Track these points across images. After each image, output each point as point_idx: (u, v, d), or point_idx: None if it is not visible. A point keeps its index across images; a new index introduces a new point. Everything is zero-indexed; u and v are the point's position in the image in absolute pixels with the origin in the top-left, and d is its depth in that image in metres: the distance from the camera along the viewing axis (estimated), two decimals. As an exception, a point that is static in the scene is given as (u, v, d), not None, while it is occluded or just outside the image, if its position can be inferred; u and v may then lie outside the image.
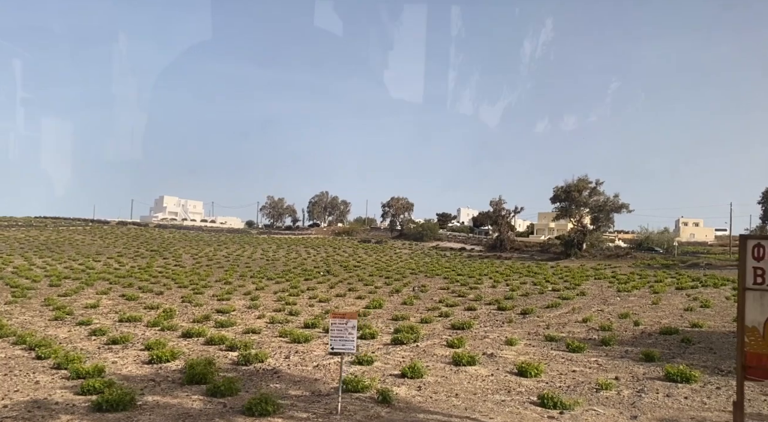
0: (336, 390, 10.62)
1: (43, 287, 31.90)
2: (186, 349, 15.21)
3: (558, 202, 71.93)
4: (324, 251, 72.02)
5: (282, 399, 9.92)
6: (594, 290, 32.09)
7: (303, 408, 9.27)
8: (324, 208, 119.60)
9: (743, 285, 6.57)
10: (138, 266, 48.78)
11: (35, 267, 44.54)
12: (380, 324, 20.43)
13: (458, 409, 9.55)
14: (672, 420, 9.27)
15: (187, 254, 63.27)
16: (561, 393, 10.90)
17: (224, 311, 23.28)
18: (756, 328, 6.43)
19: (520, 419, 9.09)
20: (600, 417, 9.38)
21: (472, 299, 27.99)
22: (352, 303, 26.99)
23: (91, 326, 18.78)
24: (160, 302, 26.33)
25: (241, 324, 19.88)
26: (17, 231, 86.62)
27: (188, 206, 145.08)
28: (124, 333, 17.45)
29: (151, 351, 13.96)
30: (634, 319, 20.94)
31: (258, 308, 24.88)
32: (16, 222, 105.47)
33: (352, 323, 9.06)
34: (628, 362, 14.02)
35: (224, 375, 11.77)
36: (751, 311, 6.49)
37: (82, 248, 66.59)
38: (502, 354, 14.79)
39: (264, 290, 32.51)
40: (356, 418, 8.70)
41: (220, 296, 28.73)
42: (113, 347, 15.43)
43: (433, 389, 11.04)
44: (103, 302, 25.63)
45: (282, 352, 14.78)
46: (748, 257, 6.55)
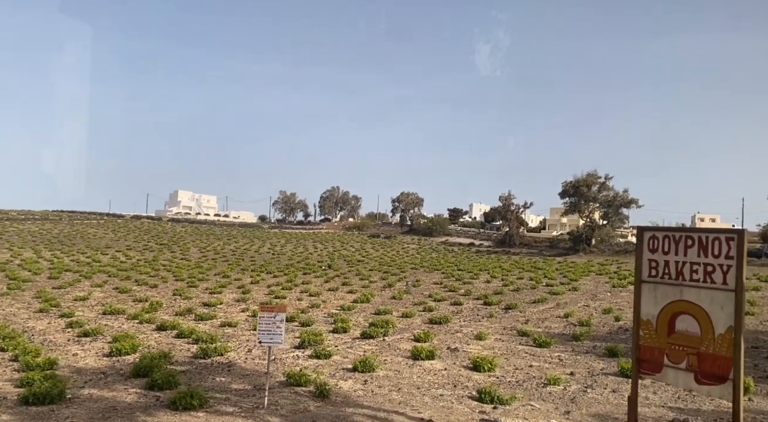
0: (280, 385, 10.70)
1: (42, 279, 32.32)
2: (153, 342, 15.36)
3: (567, 197, 71.44)
4: (332, 245, 72.19)
5: (220, 392, 9.99)
6: (588, 286, 31.84)
7: (233, 403, 9.31)
8: (335, 203, 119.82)
9: (639, 278, 6.48)
10: (144, 259, 49.27)
11: (42, 260, 45.17)
12: (360, 318, 20.45)
13: (392, 403, 9.54)
14: (606, 416, 9.19)
15: (196, 247, 63.79)
16: (507, 387, 10.89)
17: (210, 305, 23.45)
18: (650, 321, 6.34)
19: (449, 413, 9.06)
20: (533, 412, 9.33)
21: (462, 294, 27.90)
22: (342, 297, 27.03)
23: (71, 318, 19.00)
24: (152, 295, 26.58)
25: (222, 317, 20.00)
26: (32, 224, 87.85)
27: (202, 201, 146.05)
28: (101, 325, 17.67)
29: (114, 344, 14.10)
30: (616, 314, 20.76)
31: (246, 301, 25.02)
32: (33, 216, 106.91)
33: (280, 316, 9.12)
34: (591, 357, 13.92)
35: (174, 368, 11.88)
36: (645, 304, 6.40)
37: (92, 241, 67.40)
38: (467, 349, 14.75)
39: (259, 284, 32.68)
40: (281, 413, 8.71)
41: (213, 289, 28.92)
42: (83, 339, 15.62)
43: (379, 383, 11.05)
44: (94, 295, 25.91)
45: (247, 346, 14.87)
46: (644, 250, 6.46)
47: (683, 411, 9.53)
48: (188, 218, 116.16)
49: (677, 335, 6.09)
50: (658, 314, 6.24)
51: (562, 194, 71.58)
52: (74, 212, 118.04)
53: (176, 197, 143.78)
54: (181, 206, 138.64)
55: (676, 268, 6.12)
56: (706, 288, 5.86)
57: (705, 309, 5.85)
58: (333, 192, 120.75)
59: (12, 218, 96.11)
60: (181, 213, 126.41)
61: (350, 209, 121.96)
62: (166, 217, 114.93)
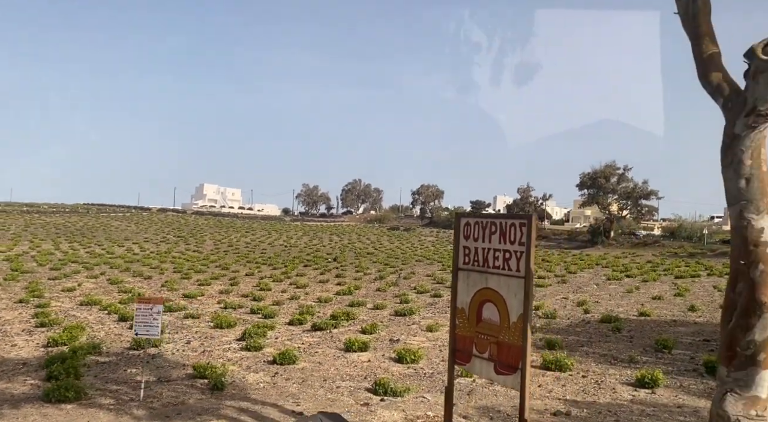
0: (186, 377, 10.77)
1: (45, 270, 33.05)
2: (104, 332, 15.58)
3: (585, 189, 70.39)
4: (348, 238, 72.40)
5: (117, 384, 10.05)
6: (582, 279, 31.37)
7: (113, 395, 9.33)
8: (357, 196, 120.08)
9: (456, 265, 6.35)
10: (157, 251, 50.09)
11: (58, 252, 46.21)
12: (329, 310, 20.44)
13: (281, 396, 9.52)
14: (490, 408, 9.07)
15: (211, 240, 64.60)
16: (415, 379, 10.83)
17: (191, 296, 23.69)
18: (464, 310, 6.22)
19: (331, 405, 9.03)
20: (419, 404, 9.25)
21: (447, 287, 27.70)
22: (327, 289, 27.07)
23: (46, 308, 19.37)
24: (141, 286, 26.98)
25: (191, 309, 20.18)
26: (60, 217, 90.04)
27: (227, 194, 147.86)
28: (69, 315, 18.01)
29: (58, 335, 14.31)
30: (587, 307, 20.42)
31: (229, 293, 25.22)
32: (64, 209, 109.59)
33: (157, 308, 9.13)
34: (528, 350, 13.68)
35: (97, 359, 12.05)
36: (460, 292, 6.28)
37: (113, 233, 68.75)
38: (409, 341, 14.67)
39: (253, 275, 32.95)
40: (152, 406, 8.75)
41: (204, 281, 29.22)
42: (37, 330, 15.87)
43: (288, 376, 11.02)
44: (84, 286, 26.37)
45: (187, 337, 14.97)
46: (460, 237, 6.33)
47: (578, 403, 9.36)
48: (212, 211, 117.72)
49: (483, 324, 5.97)
50: (470, 303, 6.12)
51: (579, 185, 70.60)
52: (103, 205, 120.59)
53: (202, 190, 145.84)
54: (206, 200, 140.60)
55: (483, 255, 6.00)
56: (504, 275, 5.73)
57: (503, 297, 5.72)
58: (355, 185, 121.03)
59: (42, 211, 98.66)
60: (206, 206, 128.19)
61: (372, 201, 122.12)
62: (190, 210, 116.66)
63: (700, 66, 5.01)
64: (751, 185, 4.51)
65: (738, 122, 4.50)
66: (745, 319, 4.62)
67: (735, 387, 4.66)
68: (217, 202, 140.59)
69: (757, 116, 4.36)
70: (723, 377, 4.82)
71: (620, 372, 11.47)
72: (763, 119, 4.36)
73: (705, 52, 4.92)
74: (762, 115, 4.34)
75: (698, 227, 72.66)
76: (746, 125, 4.43)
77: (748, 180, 4.51)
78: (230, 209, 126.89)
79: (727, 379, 4.75)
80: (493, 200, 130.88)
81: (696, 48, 5.00)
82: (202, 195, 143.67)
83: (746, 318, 4.61)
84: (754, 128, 4.40)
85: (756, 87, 4.32)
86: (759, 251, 4.58)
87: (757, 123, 4.38)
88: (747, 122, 4.42)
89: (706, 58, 4.90)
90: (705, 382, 10.63)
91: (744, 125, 4.44)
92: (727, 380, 4.75)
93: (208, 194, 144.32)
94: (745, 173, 4.50)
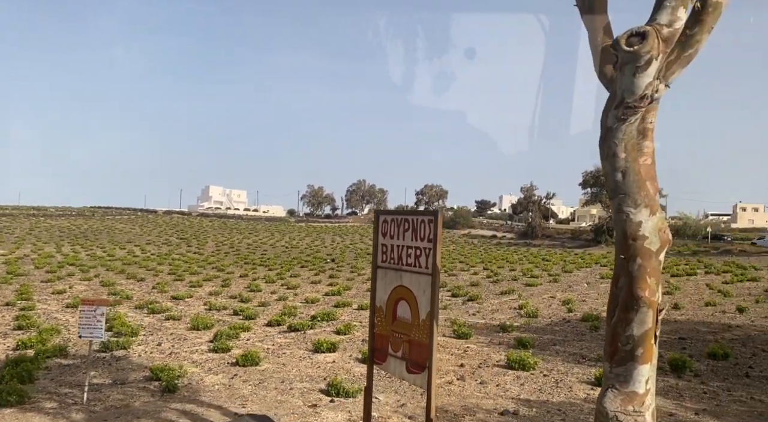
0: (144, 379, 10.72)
1: (40, 273, 33.18)
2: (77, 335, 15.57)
3: (587, 187, 70.06)
4: (350, 239, 72.43)
5: (70, 388, 9.99)
6: (575, 278, 31.17)
7: (59, 398, 9.26)
8: (362, 196, 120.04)
9: (375, 263, 6.27)
10: (158, 253, 50.25)
11: (59, 255, 46.41)
12: (312, 310, 20.40)
13: (231, 398, 9.44)
14: (440, 408, 8.96)
15: (214, 242, 64.76)
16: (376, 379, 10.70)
17: (179, 298, 23.71)
18: (382, 308, 6.14)
19: (278, 406, 8.96)
20: (372, 404, 9.15)
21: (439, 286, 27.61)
22: (317, 290, 27.02)
23: (29, 311, 19.42)
24: (131, 288, 27.01)
25: (176, 311, 20.19)
26: (65, 220, 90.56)
27: (233, 196, 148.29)
28: (51, 318, 18.04)
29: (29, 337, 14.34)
30: (572, 306, 20.26)
31: (218, 295, 25.22)
32: (69, 212, 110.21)
33: (101, 310, 9.06)
34: (498, 348, 13.59)
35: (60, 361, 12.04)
36: (379, 290, 6.20)
37: (117, 236, 69.05)
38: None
39: (247, 276, 32.98)
40: (95, 409, 8.68)
41: (195, 283, 29.25)
42: (13, 333, 15.88)
43: (247, 377, 10.92)
44: (75, 288, 26.46)
45: (161, 339, 14.94)
46: (378, 234, 6.25)
47: (530, 402, 9.25)
48: (218, 213, 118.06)
49: (398, 322, 5.89)
50: (387, 301, 6.04)
51: (582, 184, 70.26)
52: (110, 208, 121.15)
53: (207, 192, 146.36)
54: (212, 201, 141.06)
55: (398, 252, 5.92)
56: (415, 273, 5.65)
57: (414, 294, 5.64)
58: (359, 185, 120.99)
59: (48, 215, 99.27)
60: (212, 208, 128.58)
61: (377, 202, 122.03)
62: (196, 212, 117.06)
63: (596, 58, 4.92)
64: (627, 179, 4.41)
65: (610, 114, 4.41)
66: (625, 314, 4.53)
67: (615, 383, 4.56)
68: (222, 204, 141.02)
69: (625, 108, 4.26)
70: (606, 373, 4.73)
71: (584, 371, 11.35)
72: (632, 111, 4.27)
73: (600, 44, 4.84)
74: (630, 107, 4.25)
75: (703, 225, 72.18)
76: (617, 117, 4.33)
77: (624, 173, 4.41)
78: (236, 210, 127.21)
79: (609, 375, 4.66)
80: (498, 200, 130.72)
81: (592, 40, 4.92)
82: (208, 197, 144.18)
83: (626, 312, 4.53)
84: (624, 120, 4.31)
85: (622, 79, 4.23)
86: (637, 245, 4.49)
87: (626, 115, 4.28)
88: (617, 115, 4.33)
89: (602, 50, 4.81)
90: (665, 380, 10.49)
91: (615, 117, 4.35)
92: (609, 376, 4.66)
93: (213, 196, 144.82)
94: (621, 167, 4.40)
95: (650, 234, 4.50)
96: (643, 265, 4.49)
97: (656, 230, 4.53)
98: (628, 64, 4.12)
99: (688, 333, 15.32)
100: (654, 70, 4.13)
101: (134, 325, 16.50)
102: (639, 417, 4.42)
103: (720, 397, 9.53)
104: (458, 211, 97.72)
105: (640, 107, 4.27)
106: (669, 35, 4.13)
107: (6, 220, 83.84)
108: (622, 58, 4.13)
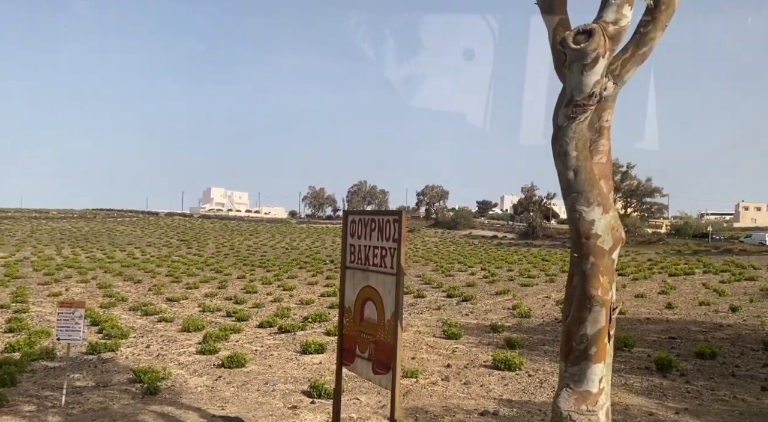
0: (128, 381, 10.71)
1: (38, 275, 33.23)
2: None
3: (588, 187, 69.94)
4: (350, 239, 72.38)
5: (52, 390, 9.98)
6: (572, 278, 31.10)
7: (38, 401, 9.24)
8: (363, 197, 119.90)
9: (344, 263, 6.26)
10: (158, 255, 50.31)
11: (58, 257, 46.45)
12: (306, 312, 20.38)
13: (213, 400, 9.42)
14: (419, 409, 8.96)
15: (214, 243, 64.82)
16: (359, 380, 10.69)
17: (174, 300, 23.72)
18: (350, 308, 6.12)
19: (257, 408, 8.96)
20: (353, 405, 9.17)
21: (434, 287, 27.60)
22: (313, 292, 27.02)
23: (22, 313, 19.44)
24: (128, 290, 27.03)
25: (169, 312, 20.19)
26: (67, 223, 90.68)
27: (234, 197, 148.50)
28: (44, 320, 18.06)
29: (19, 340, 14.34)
30: (565, 307, 20.21)
31: (214, 297, 25.23)
32: (72, 214, 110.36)
33: (79, 312, 9.03)
34: (487, 349, 13.56)
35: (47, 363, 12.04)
36: (348, 291, 6.19)
37: (117, 238, 69.12)
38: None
39: (245, 278, 32.99)
40: (71, 412, 8.65)
41: (192, 284, 29.27)
42: (4, 335, 15.88)
43: (231, 379, 10.90)
44: (72, 291, 26.49)
45: (150, 341, 14.94)
46: (347, 234, 6.24)
47: (511, 403, 9.23)
48: (219, 214, 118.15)
49: (365, 322, 5.88)
50: (355, 301, 6.03)
51: (582, 184, 70.09)
52: (112, 210, 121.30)
53: (209, 194, 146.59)
54: (213, 203, 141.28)
55: (365, 252, 5.91)
56: (381, 273, 5.64)
57: (380, 295, 5.63)
58: (361, 187, 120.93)
59: (50, 217, 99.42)
60: (214, 210, 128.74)
61: (378, 203, 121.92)
62: (198, 214, 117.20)
63: (555, 57, 4.91)
64: (579, 177, 4.39)
65: (560, 112, 4.39)
66: (579, 313, 4.51)
67: (570, 383, 4.54)
68: (224, 205, 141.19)
69: (575, 107, 4.24)
70: (562, 372, 4.70)
71: (570, 371, 11.31)
72: (581, 109, 4.24)
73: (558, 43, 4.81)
74: (579, 105, 4.23)
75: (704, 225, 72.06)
76: (566, 115, 4.31)
77: (576, 172, 4.39)
78: (237, 212, 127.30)
79: (564, 374, 4.64)
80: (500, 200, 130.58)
81: (552, 39, 4.90)
82: (210, 199, 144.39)
83: (579, 311, 4.50)
84: (573, 118, 4.28)
85: (571, 77, 4.21)
86: (590, 244, 4.46)
87: (575, 114, 4.26)
88: (567, 113, 4.30)
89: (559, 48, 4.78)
90: (650, 380, 10.47)
91: (565, 115, 4.33)
92: (564, 375, 4.64)
93: (215, 198, 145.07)
94: (572, 165, 4.38)
95: (603, 233, 4.48)
96: (596, 263, 4.47)
97: (609, 229, 4.51)
98: (575, 63, 4.10)
99: (679, 333, 15.28)
100: (601, 68, 4.11)
101: (125, 327, 16.51)
102: (592, 416, 4.40)
103: (703, 396, 9.49)
104: (459, 212, 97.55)
105: (589, 105, 4.24)
106: (615, 33, 4.12)
107: (8, 222, 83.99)
108: (570, 56, 4.10)
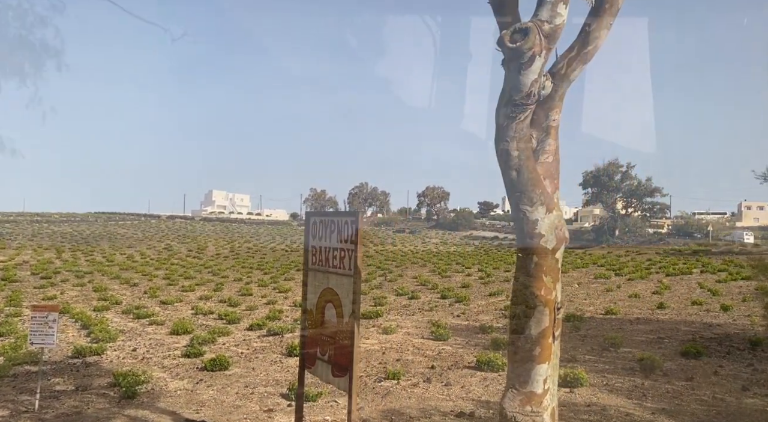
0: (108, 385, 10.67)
1: (35, 279, 33.26)
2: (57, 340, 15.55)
3: (588, 187, 69.86)
4: (350, 241, 72.37)
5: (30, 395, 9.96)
6: (568, 278, 31.02)
7: (14, 406, 9.15)
8: (364, 199, 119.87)
9: (307, 265, 6.22)
10: (158, 258, 50.37)
11: (58, 260, 46.53)
12: (298, 314, 20.36)
13: (189, 404, 9.36)
14: (394, 411, 8.90)
15: (214, 246, 64.91)
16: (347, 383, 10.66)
17: (168, 303, 23.72)
18: (312, 311, 6.09)
19: (233, 410, 8.93)
20: (329, 408, 9.14)
21: (429, 289, 27.58)
22: (308, 293, 26.98)
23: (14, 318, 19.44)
24: (124, 294, 27.04)
25: (162, 315, 20.19)
26: (68, 226, 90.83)
27: (236, 200, 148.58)
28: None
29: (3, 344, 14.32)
30: (557, 307, 20.14)
31: (209, 299, 25.25)
32: (74, 218, 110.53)
33: (52, 316, 8.99)
34: (473, 350, 13.50)
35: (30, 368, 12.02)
36: (309, 293, 6.16)
37: (118, 241, 69.24)
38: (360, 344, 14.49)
39: (241, 280, 33.02)
40: (44, 417, 8.59)
41: (188, 287, 29.30)
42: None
43: (211, 382, 10.85)
44: (67, 294, 26.51)
45: (138, 344, 14.91)
46: (309, 236, 6.21)
47: (488, 404, 9.18)
48: (221, 217, 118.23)
49: (325, 325, 5.84)
50: (316, 303, 6.00)
51: (583, 184, 70.04)
52: (113, 214, 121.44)
53: (211, 196, 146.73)
54: (215, 206, 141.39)
55: (325, 254, 5.87)
56: (340, 274, 5.61)
57: (339, 296, 5.59)
58: (362, 188, 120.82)
59: (51, 221, 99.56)
60: (215, 213, 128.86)
61: (379, 204, 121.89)
62: (199, 217, 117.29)
63: None
64: (522, 177, 4.36)
65: (500, 112, 4.36)
66: (523, 313, 4.47)
67: (516, 383, 4.51)
68: (226, 208, 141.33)
69: (514, 106, 4.21)
70: (509, 373, 4.67)
71: (553, 372, 11.25)
72: (520, 109, 4.21)
73: (508, 43, 4.77)
74: (518, 104, 4.19)
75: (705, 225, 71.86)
76: (506, 115, 4.28)
77: (518, 171, 4.35)
78: (239, 215, 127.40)
79: (511, 375, 4.60)
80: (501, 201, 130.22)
81: (502, 39, 4.85)
82: (211, 202, 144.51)
83: (524, 311, 4.47)
84: (513, 118, 4.25)
85: (509, 76, 4.18)
86: (533, 243, 4.43)
87: (515, 113, 4.23)
88: (506, 113, 4.27)
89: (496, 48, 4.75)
90: (633, 380, 10.41)
91: (504, 115, 4.29)
92: (511, 376, 4.60)
93: (216, 201, 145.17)
94: (514, 165, 4.34)
95: (546, 232, 4.45)
96: (540, 263, 4.44)
97: (552, 228, 4.48)
98: (513, 61, 4.07)
99: (668, 333, 15.21)
100: (538, 67, 4.08)
101: (114, 330, 16.50)
102: (537, 417, 4.36)
103: (683, 396, 9.43)
104: (460, 213, 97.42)
105: (527, 105, 4.21)
106: (550, 31, 4.08)
107: (9, 226, 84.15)
108: (507, 54, 4.07)
